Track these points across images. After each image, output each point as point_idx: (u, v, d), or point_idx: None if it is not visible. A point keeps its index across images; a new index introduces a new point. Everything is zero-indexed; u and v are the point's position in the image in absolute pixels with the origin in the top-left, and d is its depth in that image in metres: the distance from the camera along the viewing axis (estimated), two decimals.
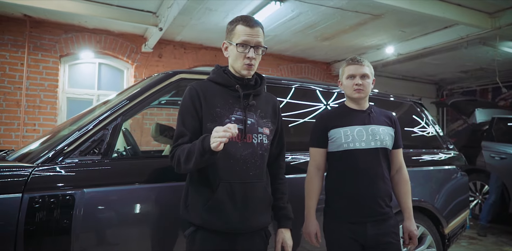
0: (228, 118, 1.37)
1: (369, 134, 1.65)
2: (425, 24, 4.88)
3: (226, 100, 1.40)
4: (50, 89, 5.05)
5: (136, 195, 1.64)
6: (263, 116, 1.46)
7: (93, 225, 1.52)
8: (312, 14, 4.61)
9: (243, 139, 1.37)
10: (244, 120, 1.38)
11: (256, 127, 1.41)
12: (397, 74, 8.26)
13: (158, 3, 4.45)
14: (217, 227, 1.34)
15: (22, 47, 4.88)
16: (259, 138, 1.41)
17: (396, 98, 2.90)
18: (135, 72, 5.70)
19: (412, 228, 1.72)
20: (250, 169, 1.37)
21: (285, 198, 1.53)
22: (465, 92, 9.00)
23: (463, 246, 4.06)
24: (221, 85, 1.43)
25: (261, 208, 1.41)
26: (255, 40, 1.38)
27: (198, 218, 1.35)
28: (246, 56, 1.38)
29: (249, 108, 1.41)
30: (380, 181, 1.63)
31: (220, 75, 1.45)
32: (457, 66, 7.39)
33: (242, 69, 1.40)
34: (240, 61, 1.39)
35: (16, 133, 4.78)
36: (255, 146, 1.39)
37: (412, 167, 2.54)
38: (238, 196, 1.34)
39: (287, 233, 1.48)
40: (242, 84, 1.43)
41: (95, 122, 1.68)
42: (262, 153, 1.42)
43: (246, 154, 1.37)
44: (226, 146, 1.28)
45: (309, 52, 6.66)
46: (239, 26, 1.39)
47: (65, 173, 1.53)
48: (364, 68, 1.66)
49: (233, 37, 1.40)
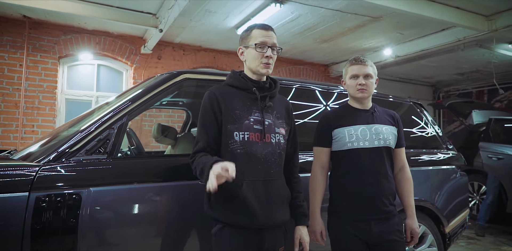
0: (247, 120, 1.44)
1: (373, 133, 1.67)
2: (422, 26, 4.93)
3: (244, 102, 1.47)
4: (49, 90, 5.04)
5: (142, 194, 1.64)
6: (278, 117, 1.53)
7: (100, 224, 1.52)
8: (312, 16, 4.64)
9: (262, 139, 1.44)
10: (262, 120, 1.45)
11: (274, 128, 1.49)
12: (394, 76, 8.34)
13: (158, 5, 4.46)
14: (244, 224, 1.39)
15: (21, 48, 4.88)
16: (277, 137, 1.48)
17: (396, 99, 2.93)
18: (134, 73, 5.70)
19: (414, 226, 1.74)
20: (271, 167, 1.45)
21: (301, 196, 1.59)
22: (461, 94, 9.08)
23: (461, 246, 4.09)
24: (239, 88, 1.51)
25: (282, 204, 1.49)
26: (271, 41, 1.48)
27: (225, 215, 1.41)
28: (264, 55, 1.46)
29: (266, 109, 1.49)
30: (383, 180, 1.65)
31: (237, 79, 1.53)
32: (454, 68, 7.46)
33: (260, 68, 1.47)
34: (258, 61, 1.46)
35: (15, 135, 4.76)
36: (274, 145, 1.47)
37: (412, 167, 2.55)
38: (262, 193, 1.40)
39: (304, 230, 1.55)
40: (258, 87, 1.50)
41: (101, 121, 1.68)
42: (280, 152, 1.49)
43: (266, 153, 1.44)
44: (248, 146, 1.41)
45: (307, 54, 6.70)
46: (255, 30, 1.49)
47: (72, 172, 1.53)
48: (367, 68, 1.69)
49: (250, 40, 1.49)
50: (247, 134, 1.42)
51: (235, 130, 1.42)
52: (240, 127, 1.42)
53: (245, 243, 1.39)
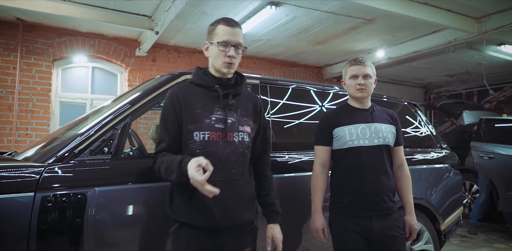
0: (209, 118, 1.40)
1: (372, 131, 1.71)
2: (415, 28, 5.03)
3: (206, 101, 1.43)
4: (43, 93, 5.01)
5: (147, 193, 1.65)
6: (244, 115, 1.49)
7: (105, 224, 1.54)
8: (306, 19, 4.70)
9: (224, 138, 1.40)
10: (224, 119, 1.42)
11: (237, 126, 1.45)
12: (386, 78, 8.45)
13: (154, 7, 4.48)
14: (201, 224, 1.38)
15: (15, 51, 4.84)
16: (240, 136, 1.44)
17: (391, 99, 2.99)
18: (129, 76, 5.69)
19: (413, 223, 1.79)
20: (232, 167, 1.41)
21: (273, 194, 1.57)
22: (452, 95, 9.24)
23: (454, 244, 4.16)
24: (201, 86, 1.47)
25: (244, 204, 1.46)
26: (235, 39, 1.43)
27: (182, 215, 1.40)
28: (226, 54, 1.42)
29: (229, 108, 1.45)
30: (383, 177, 1.69)
31: (200, 76, 1.49)
32: (444, 70, 7.60)
33: (222, 68, 1.44)
34: (220, 60, 1.43)
35: (9, 138, 4.71)
36: (236, 144, 1.43)
37: (408, 165, 2.62)
38: (221, 194, 1.33)
39: (276, 228, 1.52)
40: (221, 84, 1.47)
41: (104, 122, 1.69)
42: (244, 151, 1.45)
43: (227, 153, 1.40)
44: (208, 146, 1.39)
45: (301, 56, 6.76)
46: (220, 26, 1.44)
47: (77, 172, 1.54)
48: (366, 69, 1.73)
49: (214, 37, 1.44)
50: (208, 134, 1.39)
51: (195, 130, 1.39)
52: (200, 127, 1.39)
53: (202, 244, 1.37)
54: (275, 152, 2.07)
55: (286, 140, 2.26)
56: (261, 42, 5.82)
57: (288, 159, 2.11)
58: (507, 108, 8.06)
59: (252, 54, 6.65)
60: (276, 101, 2.25)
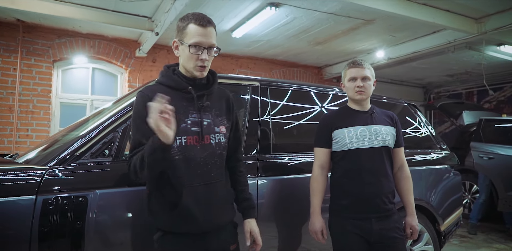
0: (184, 122, 1.34)
1: (372, 133, 1.72)
2: (414, 29, 5.04)
3: (179, 104, 1.33)
4: (43, 94, 5.02)
5: None
6: (218, 114, 1.43)
7: (106, 226, 1.54)
8: (306, 19, 4.71)
9: (201, 141, 1.35)
10: (200, 121, 1.36)
11: (213, 127, 1.40)
12: (386, 78, 8.46)
13: (154, 8, 4.48)
14: (185, 230, 1.34)
15: (15, 52, 4.85)
16: (217, 137, 1.40)
17: (391, 100, 3.00)
18: (129, 77, 5.70)
19: (414, 223, 1.80)
20: (211, 170, 1.37)
21: (247, 189, 1.55)
22: (452, 95, 9.25)
23: (454, 244, 4.17)
24: (173, 88, 1.37)
25: (225, 205, 1.44)
26: (208, 41, 1.32)
27: (165, 223, 1.35)
28: (199, 57, 1.32)
29: (204, 109, 1.38)
30: (383, 179, 1.70)
31: (170, 77, 1.40)
32: (444, 70, 7.61)
33: (194, 71, 1.36)
34: (192, 62, 1.34)
35: (9, 139, 4.72)
36: (214, 147, 1.38)
37: (411, 166, 2.62)
38: (203, 198, 1.33)
39: (253, 222, 1.50)
40: (194, 85, 1.38)
41: (105, 124, 1.70)
42: (221, 152, 1.42)
43: (205, 156, 1.36)
44: (186, 151, 1.32)
45: (301, 56, 6.77)
46: (191, 25, 1.31)
47: (78, 175, 1.55)
48: (365, 71, 1.74)
49: (185, 36, 1.33)
50: (184, 139, 1.32)
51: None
52: (176, 132, 1.25)
53: (187, 249, 1.34)
54: (275, 154, 2.09)
55: (286, 142, 2.27)
56: (261, 43, 5.83)
57: (288, 160, 2.12)
58: (507, 108, 8.08)
59: (252, 55, 6.66)
60: (276, 103, 2.26)
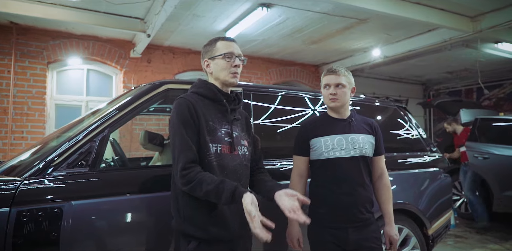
0: (220, 132, 1.44)
1: (349, 142, 1.70)
2: (409, 27, 4.99)
3: (216, 114, 1.47)
4: (38, 96, 5.03)
5: (123, 206, 1.66)
6: (242, 129, 1.57)
7: (81, 237, 1.55)
8: (299, 19, 4.68)
9: (232, 151, 1.45)
10: (231, 133, 1.47)
11: (240, 140, 1.50)
12: (384, 75, 8.41)
13: (145, 10, 4.47)
14: (223, 237, 1.38)
15: (9, 55, 4.86)
16: (243, 150, 1.50)
17: (381, 103, 2.98)
18: (124, 77, 5.70)
19: (393, 233, 1.78)
20: (240, 178, 1.46)
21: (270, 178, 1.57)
22: (451, 92, 9.18)
23: (449, 244, 4.16)
24: (210, 99, 1.49)
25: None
26: (237, 51, 1.51)
27: (203, 231, 1.36)
28: (233, 64, 1.47)
29: (234, 122, 1.51)
30: (360, 188, 1.69)
31: (209, 88, 1.50)
32: (443, 67, 7.55)
33: (229, 78, 1.48)
34: (227, 70, 1.47)
35: (4, 141, 4.75)
36: (241, 158, 1.48)
37: (397, 170, 2.62)
38: (234, 205, 1.35)
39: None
40: (227, 99, 1.52)
41: (83, 134, 1.70)
42: (246, 164, 1.51)
43: (235, 165, 1.45)
44: (221, 158, 1.41)
45: (297, 55, 6.73)
46: (220, 42, 1.51)
47: (53, 186, 1.55)
48: (339, 78, 1.71)
49: (216, 51, 1.50)
50: (220, 146, 1.42)
51: (211, 142, 1.40)
52: (214, 139, 1.41)
53: None
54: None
55: (272, 147, 2.26)
56: (256, 42, 5.80)
57: (273, 167, 2.11)
58: (507, 105, 8.00)
59: (248, 54, 6.63)
60: (260, 108, 2.24)
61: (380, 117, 2.92)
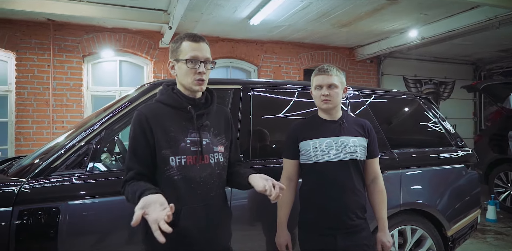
0: (184, 142, 1.33)
1: (339, 146, 1.62)
2: (448, 6, 4.53)
3: (179, 123, 1.36)
4: (75, 88, 5.36)
5: (118, 206, 1.73)
6: (216, 134, 1.44)
7: (77, 234, 1.65)
8: (323, 3, 4.44)
9: (201, 161, 1.35)
10: (199, 141, 1.35)
11: (212, 147, 1.39)
12: (427, 56, 7.79)
13: (168, 1, 4.49)
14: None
15: (48, 50, 5.19)
16: (215, 157, 1.39)
17: (401, 95, 2.79)
18: (154, 67, 5.86)
19: (385, 240, 1.70)
20: (211, 190, 1.37)
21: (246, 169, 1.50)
22: (505, 72, 8.30)
23: (487, 242, 3.90)
24: (172, 107, 1.38)
25: (223, 227, 1.43)
26: (203, 55, 1.36)
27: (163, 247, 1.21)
28: (197, 71, 1.35)
29: (203, 128, 1.39)
30: (350, 193, 1.61)
31: (170, 96, 1.40)
32: (493, 46, 6.83)
33: (193, 85, 1.36)
34: (190, 77, 1.35)
35: (47, 130, 5.16)
36: (213, 166, 1.38)
37: (415, 167, 2.45)
38: (202, 219, 1.31)
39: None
40: (193, 104, 1.39)
41: (80, 137, 1.79)
42: (220, 172, 1.41)
43: (205, 176, 1.35)
44: (186, 171, 1.32)
45: (328, 38, 6.45)
46: (185, 42, 1.37)
47: (51, 187, 1.66)
48: (331, 78, 1.62)
49: (180, 54, 1.37)
50: (184, 158, 1.32)
51: (171, 155, 1.31)
52: (176, 151, 1.31)
53: None
54: (254, 160, 2.05)
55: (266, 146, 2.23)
56: (282, 28, 5.63)
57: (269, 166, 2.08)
58: None
59: (277, 39, 6.48)
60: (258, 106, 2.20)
61: (396, 111, 2.74)
